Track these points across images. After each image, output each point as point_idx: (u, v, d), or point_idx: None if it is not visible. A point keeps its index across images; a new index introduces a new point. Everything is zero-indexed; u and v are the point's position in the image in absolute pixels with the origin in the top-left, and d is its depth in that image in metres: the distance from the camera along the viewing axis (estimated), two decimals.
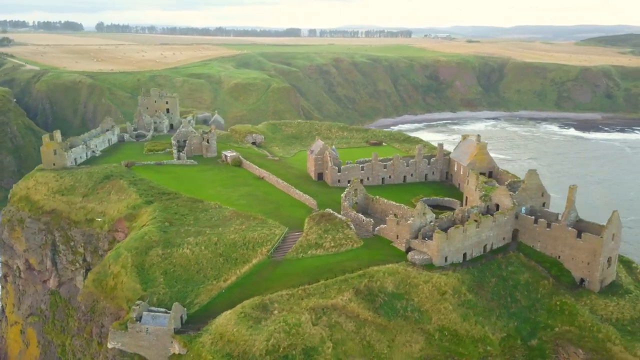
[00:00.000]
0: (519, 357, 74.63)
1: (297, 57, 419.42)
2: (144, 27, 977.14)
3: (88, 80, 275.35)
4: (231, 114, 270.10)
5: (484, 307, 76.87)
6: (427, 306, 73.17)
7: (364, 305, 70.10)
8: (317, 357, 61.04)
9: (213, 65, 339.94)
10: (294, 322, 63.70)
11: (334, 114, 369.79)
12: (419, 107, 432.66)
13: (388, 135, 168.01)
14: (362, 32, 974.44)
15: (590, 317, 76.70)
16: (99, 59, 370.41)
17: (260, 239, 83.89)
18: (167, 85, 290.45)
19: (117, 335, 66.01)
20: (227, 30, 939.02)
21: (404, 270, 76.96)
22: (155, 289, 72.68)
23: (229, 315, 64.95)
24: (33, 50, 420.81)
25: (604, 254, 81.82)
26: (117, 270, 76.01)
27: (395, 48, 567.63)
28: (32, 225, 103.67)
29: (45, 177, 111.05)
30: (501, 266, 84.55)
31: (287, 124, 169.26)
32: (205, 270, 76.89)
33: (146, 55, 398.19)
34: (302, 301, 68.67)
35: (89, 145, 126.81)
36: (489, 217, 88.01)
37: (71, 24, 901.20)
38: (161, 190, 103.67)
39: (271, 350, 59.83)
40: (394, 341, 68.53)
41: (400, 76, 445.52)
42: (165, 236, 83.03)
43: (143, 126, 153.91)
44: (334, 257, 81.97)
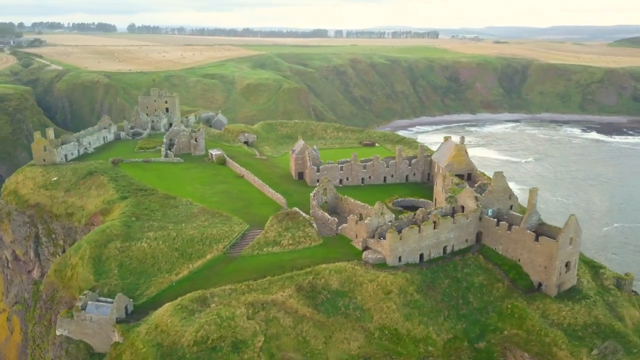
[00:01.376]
0: (464, 359, 74.65)
1: (314, 58, 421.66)
2: (174, 28, 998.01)
3: (105, 80, 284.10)
4: (242, 114, 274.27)
5: (431, 308, 77.11)
6: (369, 305, 73.98)
7: (304, 301, 71.46)
8: (246, 349, 62.75)
9: (228, 66, 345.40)
10: (227, 315, 65.59)
11: (348, 115, 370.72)
12: (438, 108, 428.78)
13: (382, 136, 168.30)
14: (389, 33, 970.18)
15: (539, 321, 76.01)
16: (120, 60, 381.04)
17: (219, 235, 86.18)
18: (181, 85, 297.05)
19: (64, 323, 69.31)
20: (254, 32, 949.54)
21: (352, 268, 77.93)
22: (108, 280, 75.78)
23: (167, 307, 67.39)
24: (61, 51, 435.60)
25: (561, 258, 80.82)
26: (75, 261, 79.56)
27: (417, 49, 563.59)
28: (18, 217, 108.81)
29: (33, 172, 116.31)
30: (457, 268, 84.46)
31: (282, 124, 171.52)
32: (159, 264, 79.64)
33: (167, 56, 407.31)
34: (242, 296, 70.56)
35: (81, 142, 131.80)
36: (449, 218, 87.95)
37: (104, 26, 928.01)
38: (139, 187, 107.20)
39: (199, 341, 61.87)
40: (331, 338, 69.66)
41: (419, 77, 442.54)
42: (127, 230, 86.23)
43: (140, 125, 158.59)
44: (289, 255, 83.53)
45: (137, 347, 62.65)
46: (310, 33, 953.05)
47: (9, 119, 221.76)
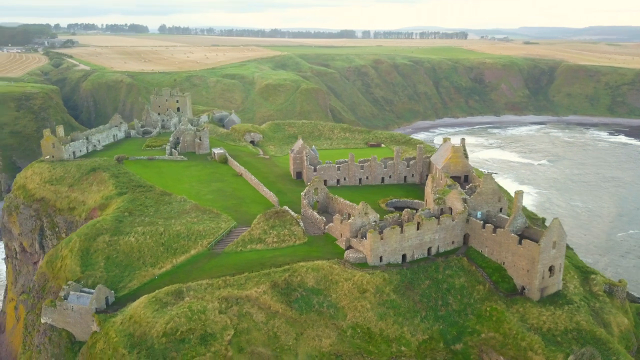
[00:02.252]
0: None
1: (337, 58, 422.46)
2: (203, 29, 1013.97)
3: (127, 80, 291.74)
4: (259, 114, 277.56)
5: (408, 308, 77.29)
6: (344, 303, 74.74)
7: (277, 298, 72.75)
8: (214, 342, 64.42)
9: (249, 67, 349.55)
10: (198, 308, 67.44)
11: (369, 116, 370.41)
12: (461, 110, 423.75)
13: (389, 137, 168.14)
14: (417, 34, 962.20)
15: (516, 325, 75.36)
16: (146, 60, 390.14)
17: (205, 231, 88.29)
18: (201, 85, 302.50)
19: (48, 312, 72.46)
20: (281, 32, 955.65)
21: (329, 267, 78.82)
22: (93, 272, 78.74)
23: (143, 299, 69.71)
24: (91, 52, 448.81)
25: (543, 262, 79.87)
26: (65, 253, 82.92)
27: (442, 50, 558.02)
28: (25, 211, 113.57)
29: (41, 167, 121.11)
30: (439, 269, 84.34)
31: (290, 124, 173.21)
32: (144, 258, 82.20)
33: (191, 56, 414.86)
34: (217, 291, 72.33)
35: (90, 140, 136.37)
36: (433, 219, 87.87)
37: (136, 27, 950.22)
38: (138, 184, 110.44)
39: (169, 332, 63.88)
40: (302, 334, 70.74)
41: (443, 78, 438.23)
42: (118, 225, 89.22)
43: (150, 123, 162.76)
44: (272, 252, 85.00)
45: (110, 337, 65.13)
46: (337, 34, 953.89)
47: (34, 117, 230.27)
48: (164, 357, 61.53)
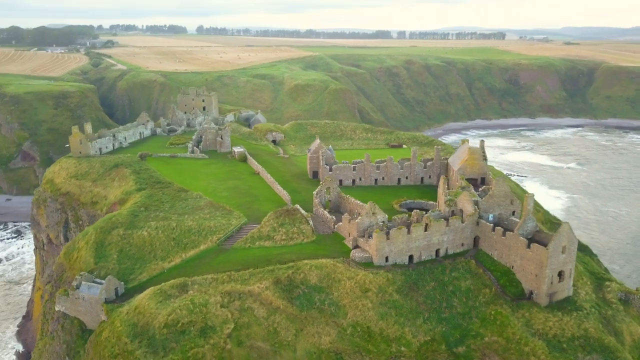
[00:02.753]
0: None
1: (368, 59, 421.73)
2: (240, 29, 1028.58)
3: (161, 79, 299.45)
4: (287, 114, 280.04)
5: (410, 309, 77.18)
6: (345, 301, 75.29)
7: (279, 294, 73.96)
8: (213, 335, 66.15)
9: (280, 67, 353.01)
10: (200, 302, 69.34)
11: (398, 117, 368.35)
12: (494, 112, 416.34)
13: (411, 138, 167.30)
14: (453, 34, 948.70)
15: (520, 330, 74.26)
16: (181, 60, 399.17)
17: (216, 227, 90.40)
18: (231, 84, 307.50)
19: (62, 300, 75.86)
20: (317, 33, 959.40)
21: (333, 265, 79.51)
22: (106, 264, 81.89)
23: (149, 291, 72.14)
24: (129, 52, 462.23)
25: (551, 267, 78.38)
26: (81, 245, 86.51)
27: (478, 50, 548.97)
28: (52, 204, 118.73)
29: (68, 163, 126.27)
30: (445, 271, 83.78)
31: (313, 124, 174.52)
32: (155, 252, 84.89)
33: (224, 56, 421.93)
34: (221, 285, 74.12)
35: (116, 137, 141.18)
36: (441, 221, 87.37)
37: (175, 27, 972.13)
38: (158, 180, 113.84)
39: (170, 324, 65.97)
40: (302, 331, 71.73)
41: (476, 79, 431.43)
42: (133, 219, 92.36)
43: (176, 122, 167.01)
44: (279, 250, 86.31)
45: (115, 326, 67.78)
46: (372, 34, 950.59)
47: (70, 115, 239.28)
48: (163, 347, 63.63)
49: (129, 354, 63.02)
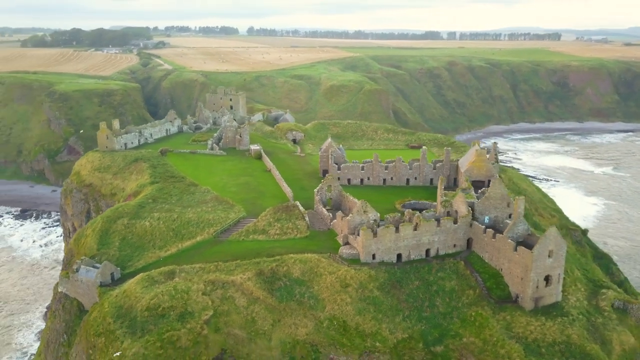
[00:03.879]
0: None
1: (409, 60, 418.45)
2: (289, 30, 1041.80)
3: (201, 79, 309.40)
4: (320, 114, 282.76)
5: (391, 306, 78.30)
6: (324, 295, 77.35)
7: (260, 285, 76.93)
8: (190, 320, 69.91)
9: (318, 67, 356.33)
10: (182, 288, 73.33)
11: (437, 118, 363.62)
12: (539, 115, 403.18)
13: (432, 140, 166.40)
14: (505, 35, 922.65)
15: (498, 332, 73.98)
16: (224, 60, 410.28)
17: (214, 220, 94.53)
18: (269, 85, 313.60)
19: (64, 282, 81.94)
20: (365, 34, 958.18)
21: (317, 260, 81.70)
22: (108, 250, 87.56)
23: (139, 276, 76.87)
24: (178, 52, 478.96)
25: (537, 270, 77.52)
26: (89, 232, 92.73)
27: (527, 52, 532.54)
28: (76, 195, 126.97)
29: (93, 156, 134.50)
30: (431, 271, 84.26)
31: (335, 124, 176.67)
32: (155, 241, 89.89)
33: (266, 57, 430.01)
34: (207, 274, 77.93)
35: (142, 133, 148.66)
36: (432, 221, 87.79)
37: (227, 29, 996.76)
38: (172, 174, 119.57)
39: (151, 307, 70.27)
40: (279, 321, 74.40)
41: (521, 81, 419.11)
42: (138, 210, 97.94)
43: (203, 120, 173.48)
44: (271, 243, 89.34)
45: (103, 307, 72.82)
46: (421, 35, 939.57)
47: (113, 112, 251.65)
48: (142, 329, 67.94)
49: (110, 333, 67.76)
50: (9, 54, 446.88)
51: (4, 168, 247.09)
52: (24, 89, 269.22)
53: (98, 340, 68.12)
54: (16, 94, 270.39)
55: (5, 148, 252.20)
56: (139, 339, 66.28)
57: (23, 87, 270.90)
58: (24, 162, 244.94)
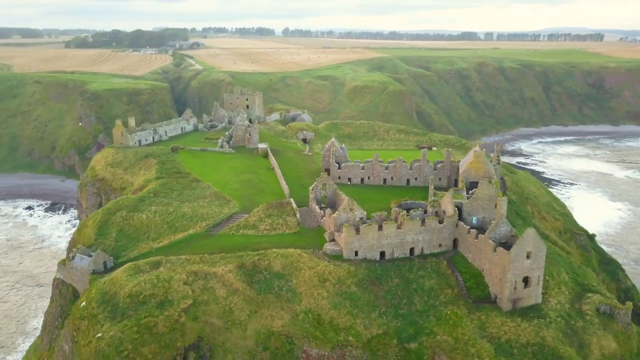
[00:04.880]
0: (390, 356, 76.27)
1: (439, 61, 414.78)
2: (324, 31, 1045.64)
3: (228, 79, 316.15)
4: (343, 114, 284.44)
5: (368, 302, 79.76)
6: (302, 289, 79.54)
7: (240, 277, 79.81)
8: (169, 308, 73.41)
9: (344, 68, 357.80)
10: (165, 277, 76.97)
11: (465, 120, 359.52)
12: (572, 118, 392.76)
13: (443, 141, 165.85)
14: (544, 36, 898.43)
15: (471, 331, 74.42)
16: (254, 61, 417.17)
17: (207, 215, 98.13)
18: (294, 85, 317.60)
19: (61, 269, 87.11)
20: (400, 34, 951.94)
21: (298, 255, 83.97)
22: (104, 240, 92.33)
23: (127, 265, 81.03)
24: (211, 53, 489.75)
25: (514, 272, 77.54)
26: (89, 223, 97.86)
27: (563, 53, 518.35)
28: (90, 188, 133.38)
29: (108, 152, 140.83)
30: (412, 269, 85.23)
31: (348, 124, 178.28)
32: (149, 233, 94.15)
33: (295, 58, 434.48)
34: (191, 265, 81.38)
35: (157, 131, 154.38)
36: (416, 220, 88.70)
37: (263, 30, 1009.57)
38: (178, 170, 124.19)
39: (133, 294, 74.15)
40: (256, 312, 77.09)
41: (554, 83, 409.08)
42: (138, 203, 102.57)
43: (218, 119, 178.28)
44: (259, 238, 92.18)
45: (91, 292, 77.22)
46: (457, 36, 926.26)
47: (141, 110, 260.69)
48: (122, 314, 71.87)
49: (93, 317, 71.97)
50: (52, 55, 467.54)
51: (38, 163, 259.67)
52: (59, 88, 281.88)
53: (82, 323, 72.47)
54: (52, 92, 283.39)
55: (40, 144, 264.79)
56: (118, 324, 70.20)
57: (59, 86, 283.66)
58: (57, 157, 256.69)
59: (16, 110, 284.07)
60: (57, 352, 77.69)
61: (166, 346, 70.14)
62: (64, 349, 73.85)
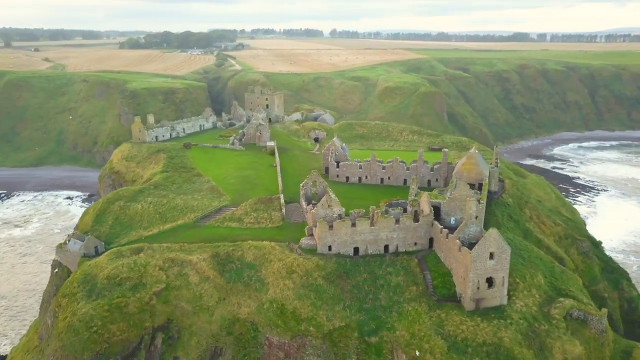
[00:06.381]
0: (350, 348, 78.62)
1: (478, 62, 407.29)
2: (371, 33, 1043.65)
3: (262, 79, 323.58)
4: (372, 115, 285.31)
5: (333, 295, 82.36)
6: (270, 279, 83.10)
7: (212, 266, 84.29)
8: (142, 290, 78.85)
9: (378, 69, 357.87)
10: (142, 263, 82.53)
11: (502, 123, 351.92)
12: (619, 122, 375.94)
13: (456, 143, 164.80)
14: (602, 37, 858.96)
15: (427, 328, 75.66)
16: (292, 62, 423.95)
17: (197, 207, 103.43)
18: (326, 86, 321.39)
19: (58, 252, 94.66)
20: (448, 35, 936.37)
21: (271, 247, 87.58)
22: (99, 227, 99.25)
23: (111, 250, 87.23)
24: (253, 54, 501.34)
25: (476, 271, 78.07)
26: (90, 211, 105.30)
27: (613, 54, 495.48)
28: (107, 180, 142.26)
29: (125, 147, 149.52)
30: (382, 266, 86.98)
31: (362, 125, 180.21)
32: (142, 222, 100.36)
33: (333, 59, 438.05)
34: (170, 253, 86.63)
35: (174, 127, 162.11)
36: (390, 218, 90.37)
37: (310, 31, 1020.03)
38: (184, 165, 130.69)
39: (110, 276, 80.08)
40: (224, 299, 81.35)
41: (601, 86, 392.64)
42: (137, 194, 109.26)
43: (237, 117, 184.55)
44: (242, 231, 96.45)
45: (76, 273, 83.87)
46: (508, 37, 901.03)
47: (175, 108, 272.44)
48: (97, 294, 77.87)
49: (72, 295, 78.35)
50: (104, 55, 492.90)
51: (80, 157, 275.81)
52: (102, 87, 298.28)
53: (63, 300, 79.04)
54: (96, 91, 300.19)
55: (84, 139, 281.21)
56: (92, 302, 76.22)
57: (102, 84, 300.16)
58: (97, 152, 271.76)
59: (64, 107, 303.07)
60: (42, 325, 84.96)
61: (134, 325, 75.54)
62: (47, 323, 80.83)
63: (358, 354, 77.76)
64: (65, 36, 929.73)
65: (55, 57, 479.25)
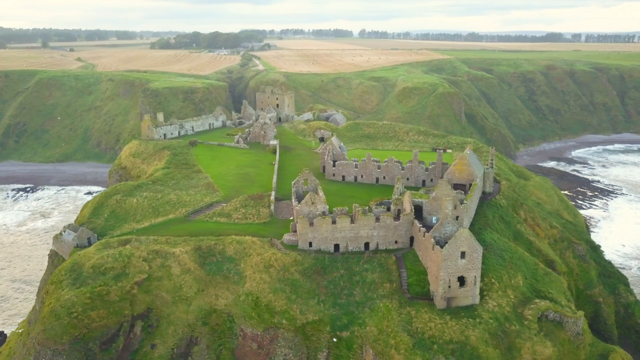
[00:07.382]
0: (322, 342, 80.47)
1: (502, 63, 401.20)
2: (400, 33, 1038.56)
3: (282, 79, 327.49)
4: (389, 115, 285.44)
5: (309, 290, 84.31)
6: (248, 273, 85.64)
7: (194, 258, 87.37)
8: (124, 279, 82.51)
9: (399, 70, 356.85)
10: (126, 254, 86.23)
11: (525, 125, 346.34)
12: None
13: (461, 143, 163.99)
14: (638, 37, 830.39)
15: (395, 324, 76.78)
16: (314, 62, 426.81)
17: (189, 202, 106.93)
18: (344, 86, 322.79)
19: (55, 242, 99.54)
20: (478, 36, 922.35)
21: (252, 242, 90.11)
22: (95, 220, 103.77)
23: (99, 241, 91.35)
24: (278, 54, 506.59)
25: (447, 270, 78.77)
26: (88, 204, 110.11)
27: None
28: (114, 175, 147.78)
29: (133, 144, 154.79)
30: (359, 262, 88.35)
31: (369, 125, 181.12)
32: (136, 215, 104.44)
33: (356, 59, 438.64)
34: (154, 245, 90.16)
35: (183, 125, 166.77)
36: (370, 216, 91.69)
37: (339, 32, 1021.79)
38: (186, 162, 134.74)
39: (96, 266, 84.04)
40: (203, 291, 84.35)
41: (632, 88, 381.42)
42: (134, 189, 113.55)
43: (247, 116, 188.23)
44: (229, 226, 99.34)
45: (65, 262, 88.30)
46: (540, 37, 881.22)
47: (194, 107, 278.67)
48: (81, 282, 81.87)
49: (58, 282, 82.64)
50: (133, 55, 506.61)
51: (104, 154, 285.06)
52: (127, 86, 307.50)
53: (51, 287, 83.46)
54: (121, 90, 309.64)
55: (108, 136, 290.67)
56: (75, 289, 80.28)
57: (127, 84, 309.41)
58: (120, 149, 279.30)
59: (91, 105, 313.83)
60: (32, 311, 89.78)
61: (114, 312, 79.23)
62: (36, 309, 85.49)
63: (329, 347, 79.49)
64: (100, 37, 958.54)
65: (87, 56, 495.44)
